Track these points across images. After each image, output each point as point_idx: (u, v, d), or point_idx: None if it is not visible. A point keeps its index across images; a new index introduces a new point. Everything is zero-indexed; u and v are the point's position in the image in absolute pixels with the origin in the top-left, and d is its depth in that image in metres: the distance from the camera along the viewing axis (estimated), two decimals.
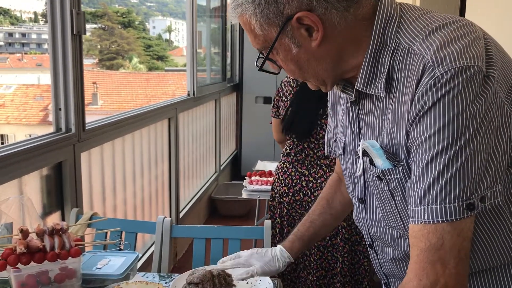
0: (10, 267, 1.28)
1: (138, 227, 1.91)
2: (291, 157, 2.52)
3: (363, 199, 1.09)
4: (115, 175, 2.68)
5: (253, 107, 6.03)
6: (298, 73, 0.97)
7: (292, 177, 2.51)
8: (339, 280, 2.45)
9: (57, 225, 1.36)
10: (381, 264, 1.15)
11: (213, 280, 1.45)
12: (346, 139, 1.10)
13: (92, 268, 1.47)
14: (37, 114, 19.25)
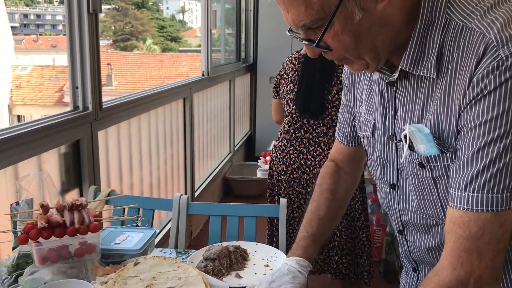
0: (31, 241, 1.30)
1: (155, 204, 1.93)
2: (289, 135, 2.51)
3: (396, 185, 1.05)
4: (131, 153, 2.70)
5: (267, 87, 6.00)
6: (352, 49, 0.87)
7: (290, 155, 2.51)
8: (336, 253, 2.47)
9: (76, 201, 1.38)
10: (410, 251, 1.13)
11: (229, 256, 1.46)
12: (376, 121, 1.05)
13: (110, 243, 1.50)
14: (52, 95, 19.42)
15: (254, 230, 1.79)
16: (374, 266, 3.06)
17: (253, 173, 4.84)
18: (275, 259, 1.50)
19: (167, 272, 1.34)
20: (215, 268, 1.41)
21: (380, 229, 3.36)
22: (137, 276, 1.32)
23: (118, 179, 2.53)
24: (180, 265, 1.37)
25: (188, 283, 1.29)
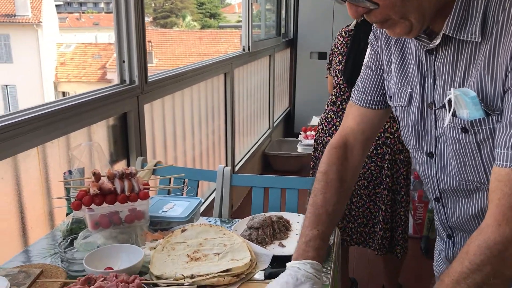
0: (85, 207, 1.37)
1: (199, 175, 1.98)
2: (336, 106, 2.50)
3: (433, 153, 1.05)
4: (175, 127, 2.76)
5: (307, 62, 5.95)
6: (399, 6, 0.86)
7: (336, 127, 2.50)
8: (381, 228, 2.46)
9: (126, 169, 1.43)
10: (447, 218, 1.13)
11: (273, 226, 1.49)
12: (414, 90, 1.04)
13: (158, 211, 1.55)
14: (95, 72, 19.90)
15: (296, 202, 1.81)
16: (416, 242, 3.05)
17: (292, 149, 4.86)
18: None
19: (213, 239, 1.39)
20: (259, 236, 1.44)
21: (422, 205, 3.33)
22: (184, 242, 1.37)
23: (163, 151, 2.60)
24: (225, 232, 1.42)
25: (234, 249, 1.33)
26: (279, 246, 1.43)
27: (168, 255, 1.32)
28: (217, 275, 1.21)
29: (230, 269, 1.23)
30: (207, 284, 1.19)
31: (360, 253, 3.20)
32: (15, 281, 1.19)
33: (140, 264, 1.27)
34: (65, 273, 1.24)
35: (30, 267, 1.27)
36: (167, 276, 1.22)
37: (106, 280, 1.11)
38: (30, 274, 1.22)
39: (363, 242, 2.56)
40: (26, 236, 1.61)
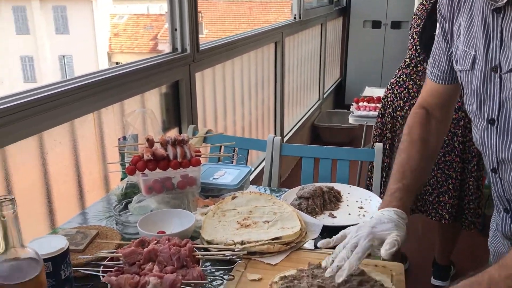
0: (138, 172, 1.40)
1: (249, 144, 1.98)
2: (410, 69, 2.41)
3: (495, 119, 1.00)
4: (225, 96, 2.77)
5: (360, 32, 5.78)
6: None
7: (409, 90, 2.42)
8: (450, 196, 2.39)
9: (178, 136, 1.45)
10: (504, 190, 1.08)
11: (323, 196, 1.47)
12: (477, 53, 1.00)
13: (209, 178, 1.57)
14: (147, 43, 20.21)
15: (347, 174, 1.78)
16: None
17: (342, 120, 4.77)
18: (369, 202, 1.49)
19: (263, 207, 1.39)
20: (309, 206, 1.43)
21: None
22: (234, 209, 1.38)
23: (213, 121, 2.62)
24: (275, 201, 1.41)
25: (283, 218, 1.32)
26: (329, 217, 1.41)
27: (218, 221, 1.33)
28: (267, 242, 1.21)
29: (280, 237, 1.23)
30: (257, 250, 1.20)
31: (410, 228, 3.13)
32: (73, 241, 1.24)
33: (192, 228, 1.29)
34: (120, 236, 1.28)
35: (87, 228, 1.32)
36: (217, 242, 1.23)
37: (159, 243, 1.13)
38: (87, 235, 1.27)
39: (426, 211, 2.50)
40: (83, 199, 1.68)
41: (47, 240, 0.95)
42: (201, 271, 1.04)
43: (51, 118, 1.45)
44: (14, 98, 1.35)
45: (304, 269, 1.12)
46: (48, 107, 1.42)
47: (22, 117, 1.34)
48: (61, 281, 0.92)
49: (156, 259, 1.07)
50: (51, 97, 1.43)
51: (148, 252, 1.07)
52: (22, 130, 1.35)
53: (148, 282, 1.01)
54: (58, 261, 0.92)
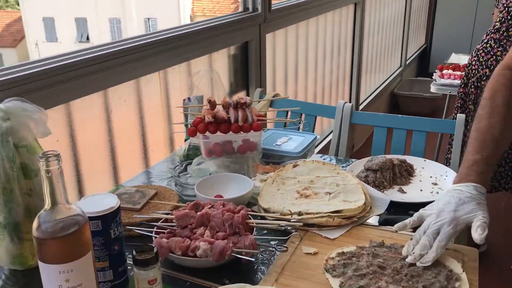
0: (199, 134, 1.37)
1: (318, 110, 1.88)
2: (500, 33, 2.17)
3: None
4: (297, 59, 2.66)
5: None
6: None
7: (497, 57, 2.18)
8: None
9: (241, 99, 1.39)
10: None
11: (393, 169, 1.36)
12: None
13: (272, 144, 1.51)
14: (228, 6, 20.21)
15: (423, 146, 1.64)
16: None
17: (424, 89, 4.48)
18: (445, 178, 1.36)
19: (325, 177, 1.31)
20: (376, 179, 1.33)
21: None
22: (295, 178, 1.31)
23: (283, 84, 2.53)
24: (339, 172, 1.32)
25: (347, 190, 1.24)
26: (399, 192, 1.31)
27: (277, 189, 1.27)
28: (326, 215, 1.13)
29: (340, 211, 1.15)
30: (314, 223, 1.13)
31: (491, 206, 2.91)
32: (131, 199, 1.24)
33: (249, 194, 1.24)
34: (178, 197, 1.27)
35: (146, 187, 1.32)
36: (274, 210, 1.17)
37: (213, 208, 1.09)
38: (145, 194, 1.26)
39: (511, 188, 2.30)
40: (147, 158, 1.69)
41: (100, 198, 0.95)
42: (253, 239, 1.00)
43: (116, 75, 1.44)
44: (80, 53, 1.35)
45: (365, 246, 1.04)
46: (113, 64, 1.41)
47: (87, 73, 1.34)
48: (110, 239, 0.91)
49: (209, 224, 1.04)
50: (116, 54, 1.42)
51: (200, 216, 1.04)
52: (87, 86, 1.36)
53: (198, 247, 0.98)
54: (107, 220, 0.90)
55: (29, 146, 0.99)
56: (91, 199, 0.95)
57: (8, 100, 0.99)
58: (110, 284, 0.94)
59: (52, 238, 0.75)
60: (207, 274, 0.99)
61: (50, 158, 0.74)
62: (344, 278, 0.94)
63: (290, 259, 1.03)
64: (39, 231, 0.76)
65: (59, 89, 1.28)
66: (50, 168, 0.75)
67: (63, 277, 0.76)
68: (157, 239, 1.01)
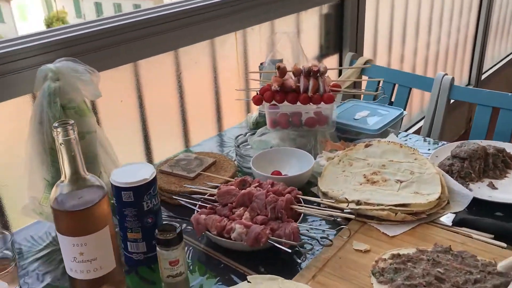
0: (265, 103, 1.27)
1: (412, 82, 1.67)
2: None
3: None
4: (406, 20, 2.39)
5: None
6: None
7: None
8: None
9: (314, 66, 1.26)
10: None
11: (486, 159, 1.16)
12: None
13: (349, 118, 1.36)
14: None
15: None
16: None
17: None
18: None
19: (399, 162, 1.14)
20: (463, 169, 1.13)
21: None
22: (365, 160, 1.17)
23: (386, 49, 2.30)
24: (417, 157, 1.15)
25: (421, 180, 1.07)
26: (488, 187, 1.11)
27: (342, 171, 1.14)
28: (388, 208, 0.99)
29: (408, 204, 1.00)
30: (373, 215, 0.99)
31: None
32: (188, 167, 1.20)
33: (309, 173, 1.13)
34: (235, 169, 1.20)
35: (207, 155, 1.27)
36: (332, 195, 1.06)
37: (259, 187, 1.01)
38: (203, 162, 1.22)
39: None
40: (221, 122, 1.64)
41: (137, 168, 0.91)
42: (296, 228, 0.90)
43: (188, 34, 1.39)
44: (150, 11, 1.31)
45: (427, 250, 0.89)
46: (186, 23, 1.35)
47: (157, 32, 1.30)
48: (143, 212, 0.88)
49: (250, 204, 0.96)
50: (189, 12, 1.36)
51: (242, 195, 0.96)
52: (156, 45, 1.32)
53: (233, 228, 0.91)
54: (140, 192, 0.87)
55: (77, 108, 0.98)
56: (129, 168, 0.92)
57: (60, 60, 0.98)
58: (143, 256, 0.92)
59: (66, 211, 0.73)
60: (243, 258, 0.92)
61: (66, 127, 0.71)
62: (391, 287, 0.81)
63: (336, 254, 0.91)
64: (55, 202, 0.74)
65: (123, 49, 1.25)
66: (70, 137, 0.71)
67: (77, 250, 0.75)
68: (195, 214, 0.96)
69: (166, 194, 1.13)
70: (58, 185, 0.74)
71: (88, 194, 0.75)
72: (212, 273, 0.90)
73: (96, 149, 1.02)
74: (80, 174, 0.74)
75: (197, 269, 0.92)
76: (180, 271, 0.82)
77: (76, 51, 1.12)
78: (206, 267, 0.92)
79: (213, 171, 1.19)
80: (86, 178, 0.75)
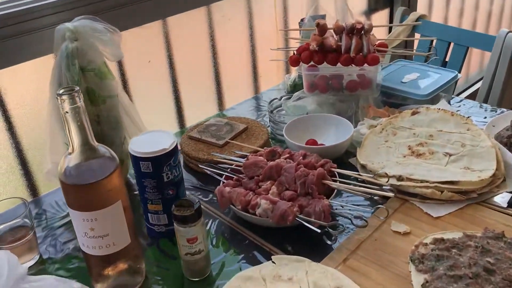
0: (303, 64, 1.17)
1: (471, 40, 1.50)
2: None
3: None
4: None
5: None
6: None
7: None
8: None
9: (358, 23, 1.13)
10: None
11: None
12: None
13: (396, 81, 1.24)
14: None
15: None
16: None
17: None
18: None
19: (449, 133, 1.02)
20: None
21: None
22: (411, 129, 1.06)
23: (442, 2, 2.09)
24: (470, 127, 1.02)
25: (474, 154, 0.95)
26: None
27: (385, 141, 1.04)
28: (434, 185, 0.89)
29: (456, 182, 0.89)
30: (417, 192, 0.90)
31: None
32: (218, 133, 1.13)
33: (347, 143, 1.04)
34: (267, 136, 1.12)
35: (238, 120, 1.19)
36: (371, 168, 0.96)
37: (290, 158, 0.93)
38: (233, 129, 1.14)
39: None
40: (257, 84, 1.54)
41: (158, 136, 0.85)
42: (327, 206, 0.82)
43: None
44: None
45: (475, 235, 0.79)
46: None
47: None
48: (163, 183, 0.82)
49: (278, 178, 0.88)
50: None
51: (269, 168, 0.89)
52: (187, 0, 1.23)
53: (258, 204, 0.84)
54: (159, 162, 0.81)
55: (97, 70, 0.92)
56: (149, 136, 0.86)
57: (78, 18, 0.92)
58: (165, 228, 0.87)
59: (74, 184, 0.68)
60: (269, 234, 0.86)
61: (70, 95, 0.65)
62: (432, 276, 0.72)
63: (372, 235, 0.83)
64: (62, 175, 0.69)
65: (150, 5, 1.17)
66: (76, 105, 0.65)
67: (87, 225, 0.70)
68: (220, 187, 0.89)
69: (193, 162, 1.07)
70: (66, 156, 0.69)
71: (98, 166, 0.69)
72: (236, 249, 0.84)
73: (118, 114, 0.97)
74: (89, 145, 0.68)
75: (221, 244, 0.86)
76: (199, 249, 0.76)
77: (97, 8, 1.05)
78: (230, 243, 0.86)
79: (244, 138, 1.12)
80: (96, 149, 0.69)
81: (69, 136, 0.67)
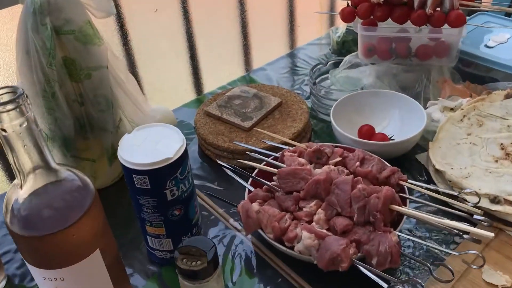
0: (358, 19, 0.88)
1: None
2: None
3: None
4: None
5: None
6: None
7: None
8: None
9: None
10: None
11: None
12: None
13: (477, 44, 0.94)
14: None
15: None
16: None
17: None
18: None
19: None
20: None
21: None
22: (504, 119, 0.78)
23: None
24: None
25: None
26: None
27: (467, 134, 0.77)
28: None
29: None
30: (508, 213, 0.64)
31: None
32: (244, 109, 0.87)
33: (417, 137, 0.77)
34: (308, 114, 0.85)
35: (270, 91, 0.92)
36: (450, 179, 0.70)
37: (341, 164, 0.67)
38: (264, 104, 0.88)
39: None
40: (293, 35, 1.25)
41: (160, 135, 0.60)
42: (396, 244, 0.57)
43: None
44: None
45: None
46: None
47: None
48: (165, 202, 0.59)
49: (326, 197, 0.63)
50: None
51: (314, 183, 0.63)
52: None
53: (298, 237, 0.60)
54: (161, 176, 0.57)
55: (78, 32, 0.66)
56: (147, 133, 0.61)
57: None
58: (169, 255, 0.65)
59: (26, 235, 0.45)
60: (310, 272, 0.63)
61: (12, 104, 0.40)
62: None
63: (455, 286, 0.59)
64: (9, 219, 0.45)
65: None
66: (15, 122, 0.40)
67: (52, 285, 0.48)
68: (244, 202, 0.65)
69: (211, 149, 0.83)
70: (14, 188, 0.45)
71: (63, 203, 0.46)
72: None
73: (109, 91, 0.71)
74: (47, 168, 0.44)
75: (243, 280, 0.64)
76: None
77: None
78: (257, 276, 0.64)
79: (277, 118, 0.86)
80: (59, 174, 0.45)
81: (15, 163, 0.43)
